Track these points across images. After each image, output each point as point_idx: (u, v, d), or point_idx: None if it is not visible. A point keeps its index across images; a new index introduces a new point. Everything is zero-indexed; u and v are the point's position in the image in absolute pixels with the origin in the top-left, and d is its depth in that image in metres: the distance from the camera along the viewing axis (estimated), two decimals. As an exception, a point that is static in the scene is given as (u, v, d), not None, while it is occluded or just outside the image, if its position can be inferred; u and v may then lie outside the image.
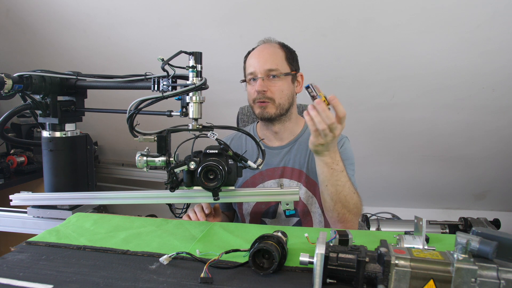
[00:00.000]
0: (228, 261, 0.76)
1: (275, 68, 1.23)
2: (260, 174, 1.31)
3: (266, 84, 1.23)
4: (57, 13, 2.22)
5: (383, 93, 2.22)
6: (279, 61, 1.24)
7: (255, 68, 1.24)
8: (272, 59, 1.24)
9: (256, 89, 1.22)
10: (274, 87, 1.23)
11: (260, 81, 1.22)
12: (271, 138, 1.35)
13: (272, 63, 1.23)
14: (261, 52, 1.27)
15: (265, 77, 1.23)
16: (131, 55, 2.34)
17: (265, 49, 1.27)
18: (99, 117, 2.57)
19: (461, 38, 1.93)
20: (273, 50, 1.27)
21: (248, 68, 1.27)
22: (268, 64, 1.23)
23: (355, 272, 0.63)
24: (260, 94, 1.23)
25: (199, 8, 2.05)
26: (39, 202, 1.10)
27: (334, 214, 1.10)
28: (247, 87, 1.30)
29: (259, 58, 1.25)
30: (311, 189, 1.28)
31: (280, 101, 1.24)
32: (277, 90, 1.23)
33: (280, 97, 1.24)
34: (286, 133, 1.33)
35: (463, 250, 0.57)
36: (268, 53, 1.25)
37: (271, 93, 1.23)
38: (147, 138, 0.94)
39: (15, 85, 0.99)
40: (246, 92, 1.32)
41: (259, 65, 1.23)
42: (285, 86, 1.25)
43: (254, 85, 1.24)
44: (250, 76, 1.26)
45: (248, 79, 1.28)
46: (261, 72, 1.23)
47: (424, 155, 2.56)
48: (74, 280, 0.70)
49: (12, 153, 2.32)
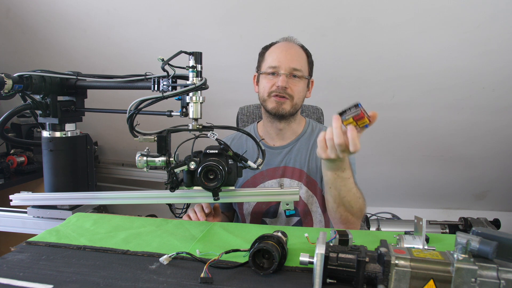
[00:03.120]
0: (228, 261, 0.76)
1: (300, 68, 1.24)
2: (261, 174, 1.31)
3: (289, 81, 1.23)
4: (57, 13, 2.22)
5: (383, 93, 2.22)
6: (303, 63, 1.26)
7: (280, 63, 1.23)
8: (298, 59, 1.25)
9: (279, 84, 1.21)
10: (295, 86, 1.24)
11: (284, 77, 1.22)
12: (274, 136, 1.35)
13: (298, 63, 1.24)
14: (287, 49, 1.27)
15: (289, 74, 1.23)
16: (131, 55, 2.34)
17: (291, 47, 1.28)
18: (99, 117, 2.56)
19: (461, 38, 1.94)
20: (298, 50, 1.28)
21: (271, 62, 1.25)
22: (294, 62, 1.23)
23: (355, 272, 0.63)
24: (281, 89, 1.22)
25: (199, 8, 2.05)
26: (39, 202, 1.10)
27: (336, 216, 1.10)
28: (262, 79, 1.28)
29: (286, 55, 1.24)
30: (311, 188, 1.28)
31: (297, 101, 1.26)
32: (297, 90, 1.25)
33: (298, 97, 1.26)
34: (289, 132, 1.34)
35: (463, 250, 0.57)
36: (294, 52, 1.26)
37: (292, 91, 1.24)
38: (147, 138, 0.94)
39: (15, 85, 0.98)
40: (257, 85, 1.31)
41: (285, 61, 1.23)
42: (302, 88, 1.27)
43: (272, 79, 1.24)
44: (271, 70, 1.24)
45: (268, 72, 1.26)
46: (285, 68, 1.22)
47: (424, 155, 2.56)
48: (74, 280, 0.70)
49: (12, 153, 2.31)
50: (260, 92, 1.29)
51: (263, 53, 1.31)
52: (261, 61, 1.31)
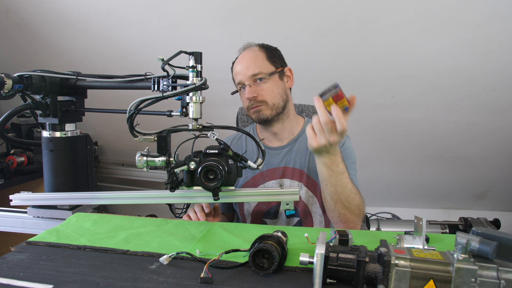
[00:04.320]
0: (228, 261, 0.76)
1: (258, 71, 1.25)
2: (261, 174, 1.32)
3: (255, 89, 1.25)
4: (57, 13, 2.22)
5: (383, 93, 2.22)
6: (260, 63, 1.26)
7: (241, 75, 1.27)
8: (254, 64, 1.26)
9: (246, 97, 1.25)
10: (262, 90, 1.25)
11: (248, 88, 1.25)
12: (271, 139, 1.36)
13: (255, 67, 1.25)
14: (242, 59, 1.29)
15: (251, 82, 1.25)
16: (131, 55, 2.34)
17: (245, 55, 1.30)
18: (99, 117, 2.57)
19: (461, 38, 1.93)
20: (253, 54, 1.28)
21: (236, 78, 1.30)
22: (250, 69, 1.25)
23: (355, 272, 0.63)
24: (252, 100, 1.25)
25: (199, 8, 2.05)
26: (39, 202, 1.10)
27: (335, 214, 1.10)
28: (240, 96, 1.33)
29: (242, 66, 1.27)
30: (311, 189, 1.28)
31: (274, 101, 1.26)
32: (267, 92, 1.25)
33: (272, 97, 1.26)
34: (285, 133, 1.34)
35: (463, 250, 0.57)
36: (248, 59, 1.28)
37: (262, 97, 1.25)
38: (147, 138, 0.94)
39: (15, 85, 0.98)
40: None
41: (243, 72, 1.26)
42: (273, 86, 1.27)
43: (245, 93, 1.26)
44: (239, 86, 1.29)
45: (239, 88, 1.31)
46: (247, 79, 1.25)
47: (424, 155, 2.56)
48: (74, 280, 0.70)
49: (12, 153, 2.32)
50: (243, 108, 1.34)
51: (232, 71, 1.35)
52: (234, 80, 1.34)
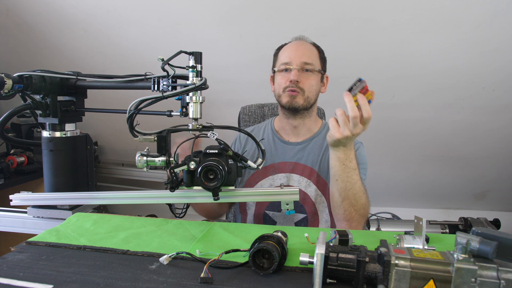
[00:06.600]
0: (228, 261, 0.76)
1: (311, 62, 1.28)
2: (272, 166, 1.33)
3: (301, 75, 1.27)
4: (57, 13, 2.22)
5: (383, 93, 2.22)
6: (314, 57, 1.30)
7: (291, 59, 1.28)
8: (308, 54, 1.29)
9: (291, 78, 1.26)
10: (306, 80, 1.28)
11: (295, 71, 1.26)
12: (289, 132, 1.38)
13: (309, 57, 1.28)
14: (298, 46, 1.32)
15: (299, 69, 1.27)
16: (131, 55, 2.34)
17: (302, 44, 1.33)
18: (99, 117, 2.57)
19: (461, 38, 1.94)
20: (309, 46, 1.33)
21: (283, 59, 1.31)
22: (304, 57, 1.28)
23: (355, 272, 0.63)
24: (293, 83, 1.26)
25: (199, 8, 2.05)
26: (39, 202, 1.10)
27: (340, 211, 1.11)
28: (277, 77, 1.33)
29: (296, 51, 1.30)
30: (320, 188, 1.29)
31: (309, 94, 1.29)
32: (309, 83, 1.28)
33: (310, 90, 1.29)
34: (304, 129, 1.36)
35: (463, 250, 0.57)
36: (305, 48, 1.31)
37: (303, 84, 1.27)
38: (147, 138, 0.94)
39: (15, 85, 0.98)
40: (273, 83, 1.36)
41: (296, 57, 1.28)
42: (315, 81, 1.30)
43: (286, 75, 1.28)
44: (283, 66, 1.30)
45: (281, 69, 1.31)
46: (297, 63, 1.27)
47: (424, 155, 2.56)
48: (74, 280, 0.70)
49: (12, 153, 2.31)
50: (275, 89, 1.34)
51: (276, 53, 1.37)
52: (275, 61, 1.37)
